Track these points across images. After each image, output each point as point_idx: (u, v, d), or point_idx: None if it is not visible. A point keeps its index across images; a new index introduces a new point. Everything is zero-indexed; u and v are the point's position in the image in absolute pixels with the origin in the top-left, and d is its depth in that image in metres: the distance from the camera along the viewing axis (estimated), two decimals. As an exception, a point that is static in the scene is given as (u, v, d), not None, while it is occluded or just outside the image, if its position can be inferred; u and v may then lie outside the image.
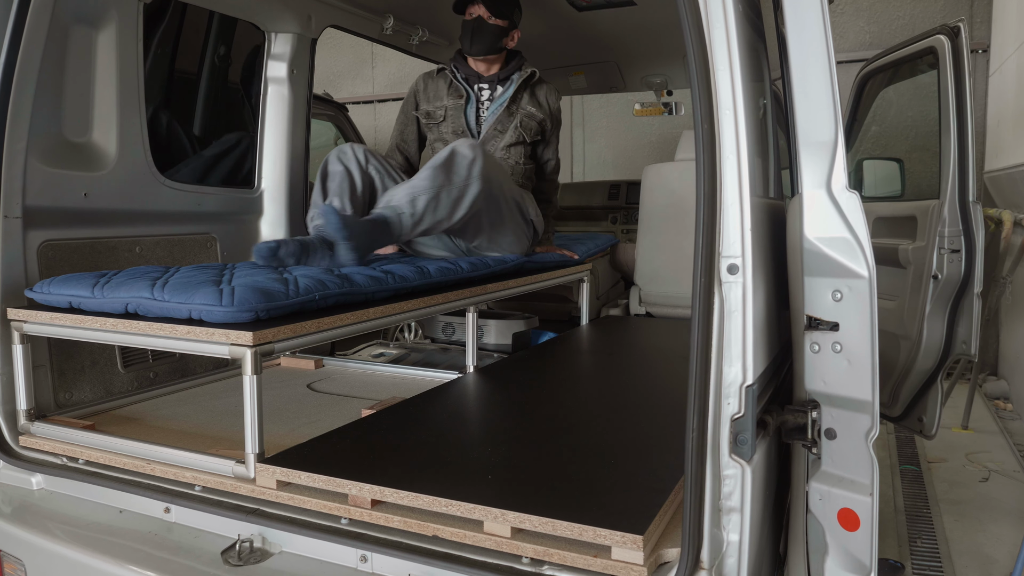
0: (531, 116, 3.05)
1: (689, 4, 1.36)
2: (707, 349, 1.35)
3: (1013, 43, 4.91)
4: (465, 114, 3.05)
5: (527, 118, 3.05)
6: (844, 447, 1.49)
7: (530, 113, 3.05)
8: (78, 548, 1.70)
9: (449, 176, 2.47)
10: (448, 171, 2.47)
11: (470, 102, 3.05)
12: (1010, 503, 3.57)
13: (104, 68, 2.32)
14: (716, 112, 1.37)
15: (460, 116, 3.04)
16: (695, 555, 1.34)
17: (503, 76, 3.06)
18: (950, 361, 2.95)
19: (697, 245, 1.36)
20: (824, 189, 1.45)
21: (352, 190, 2.59)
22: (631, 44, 4.09)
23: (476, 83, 3.06)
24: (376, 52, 8.51)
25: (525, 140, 3.06)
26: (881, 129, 5.72)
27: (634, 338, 3.31)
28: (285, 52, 3.08)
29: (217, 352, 1.70)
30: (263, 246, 2.13)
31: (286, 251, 2.15)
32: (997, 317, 5.53)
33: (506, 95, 3.03)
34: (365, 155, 2.67)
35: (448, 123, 3.06)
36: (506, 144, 3.03)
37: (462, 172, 2.49)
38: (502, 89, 3.05)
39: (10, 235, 2.04)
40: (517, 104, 3.05)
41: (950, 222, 2.81)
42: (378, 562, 1.51)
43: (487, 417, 2.15)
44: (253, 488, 1.65)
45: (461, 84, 3.05)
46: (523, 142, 3.06)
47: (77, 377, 2.21)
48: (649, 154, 7.35)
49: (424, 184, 2.43)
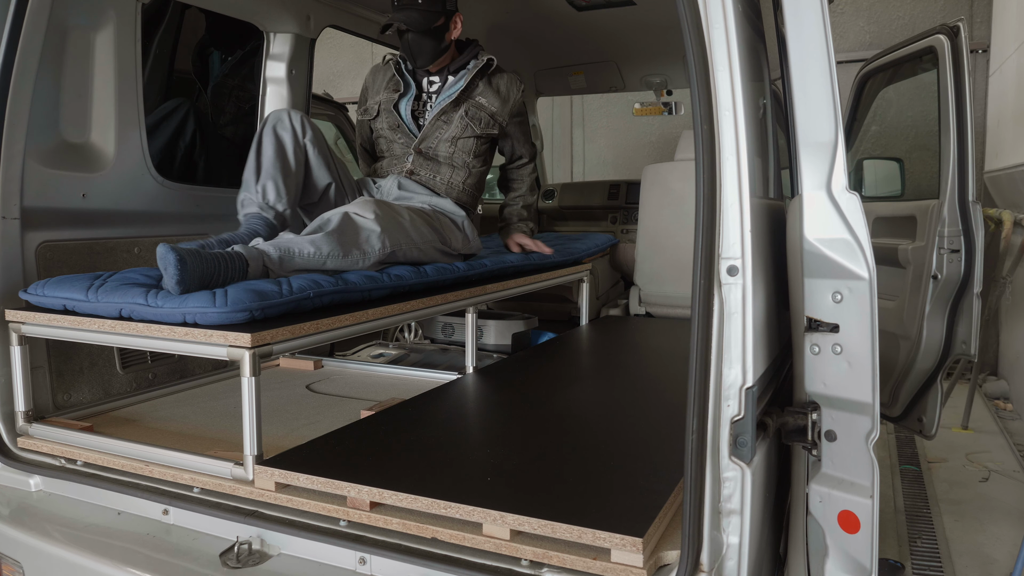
0: (480, 107, 2.81)
1: (688, 4, 1.35)
2: (707, 351, 1.35)
3: (1013, 43, 4.90)
4: (397, 108, 2.84)
5: (475, 108, 2.81)
6: (844, 449, 1.48)
7: (479, 104, 2.82)
8: (76, 550, 1.70)
9: (345, 247, 2.18)
10: (343, 240, 2.18)
11: (407, 95, 2.84)
12: (1010, 503, 3.57)
13: (102, 69, 2.32)
14: (716, 112, 1.37)
15: (392, 112, 2.84)
16: (695, 557, 1.34)
17: (455, 67, 2.84)
18: (950, 361, 2.95)
19: (697, 246, 1.35)
20: (824, 190, 1.45)
21: (285, 170, 2.36)
22: (631, 44, 4.09)
23: (425, 76, 2.86)
24: (376, 52, 8.51)
25: (475, 132, 2.82)
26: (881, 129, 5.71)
27: (634, 338, 3.31)
28: (284, 52, 3.08)
29: (215, 354, 1.69)
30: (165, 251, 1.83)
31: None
32: (997, 317, 5.53)
33: (457, 86, 2.79)
34: (303, 125, 2.46)
35: (382, 119, 2.88)
36: (451, 136, 2.80)
37: (361, 245, 2.22)
38: (453, 79, 2.83)
39: (8, 236, 2.03)
40: (467, 94, 2.81)
41: (950, 222, 2.80)
42: (377, 564, 1.50)
43: (486, 418, 2.15)
44: (251, 490, 1.65)
45: (403, 77, 2.85)
46: (473, 135, 2.82)
47: (75, 378, 2.20)
48: (649, 154, 7.35)
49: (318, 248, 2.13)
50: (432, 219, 2.61)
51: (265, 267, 2.02)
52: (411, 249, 2.40)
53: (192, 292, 1.79)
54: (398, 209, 2.44)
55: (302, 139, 2.47)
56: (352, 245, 2.18)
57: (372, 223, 2.25)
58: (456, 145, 2.82)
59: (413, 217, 2.47)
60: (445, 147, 2.82)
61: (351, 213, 2.26)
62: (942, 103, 2.85)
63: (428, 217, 2.60)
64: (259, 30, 3.04)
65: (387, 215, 2.33)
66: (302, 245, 2.09)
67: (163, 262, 1.79)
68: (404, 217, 2.42)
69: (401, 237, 2.35)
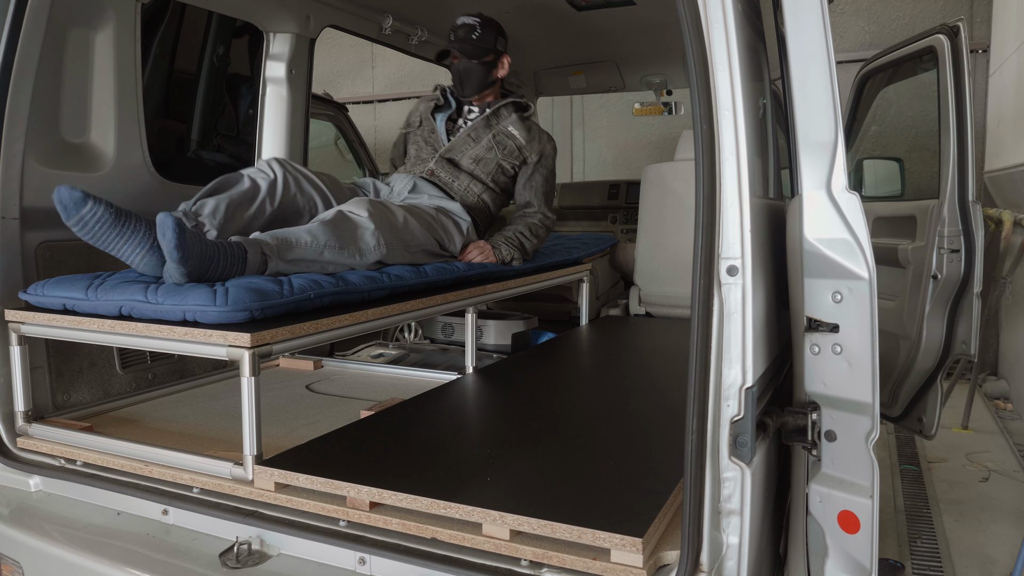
0: (509, 135, 2.95)
1: (688, 4, 1.35)
2: (706, 351, 1.35)
3: (1013, 43, 4.90)
4: (434, 116, 3.02)
5: (504, 136, 2.95)
6: (844, 449, 1.48)
7: (508, 132, 2.96)
8: (76, 550, 1.70)
9: (341, 239, 2.18)
10: (338, 232, 2.17)
11: (445, 110, 3.02)
12: (1010, 503, 3.57)
13: (102, 68, 2.32)
14: (715, 112, 1.37)
15: (429, 118, 3.02)
16: (695, 558, 1.34)
17: (496, 106, 3.01)
18: (950, 361, 2.95)
19: (696, 246, 1.35)
20: (824, 190, 1.45)
21: (238, 200, 2.18)
22: (630, 44, 4.09)
23: (467, 104, 3.03)
24: (376, 52, 8.51)
25: (499, 156, 2.93)
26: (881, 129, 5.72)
27: (634, 338, 3.31)
28: (284, 52, 3.08)
29: (215, 354, 1.69)
30: (69, 192, 1.78)
31: (96, 211, 1.78)
32: (997, 317, 5.53)
33: (493, 108, 2.99)
34: (286, 181, 2.33)
35: (423, 127, 3.04)
36: (477, 155, 2.92)
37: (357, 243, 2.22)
38: (490, 110, 3.00)
39: (8, 236, 2.03)
40: (499, 120, 2.98)
41: (950, 222, 2.80)
42: (376, 564, 1.50)
43: (486, 418, 2.15)
44: (251, 490, 1.65)
45: (447, 98, 3.04)
46: (496, 159, 2.93)
47: (75, 378, 2.20)
48: (649, 154, 7.35)
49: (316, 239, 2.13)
50: (433, 220, 2.62)
51: (263, 255, 1.99)
52: (402, 251, 2.40)
53: (191, 266, 1.76)
54: (393, 210, 2.44)
55: (277, 195, 2.32)
56: (348, 239, 2.19)
57: (366, 220, 2.26)
58: (479, 164, 2.95)
59: (408, 219, 2.47)
60: (468, 161, 2.94)
61: (345, 211, 2.28)
62: (942, 103, 2.85)
63: (428, 219, 2.60)
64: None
65: (380, 213, 2.34)
66: (299, 235, 2.09)
67: (161, 228, 1.75)
68: (398, 219, 2.43)
69: (393, 237, 2.35)
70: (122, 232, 1.83)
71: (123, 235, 1.84)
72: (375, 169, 5.52)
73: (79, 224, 1.81)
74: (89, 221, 1.80)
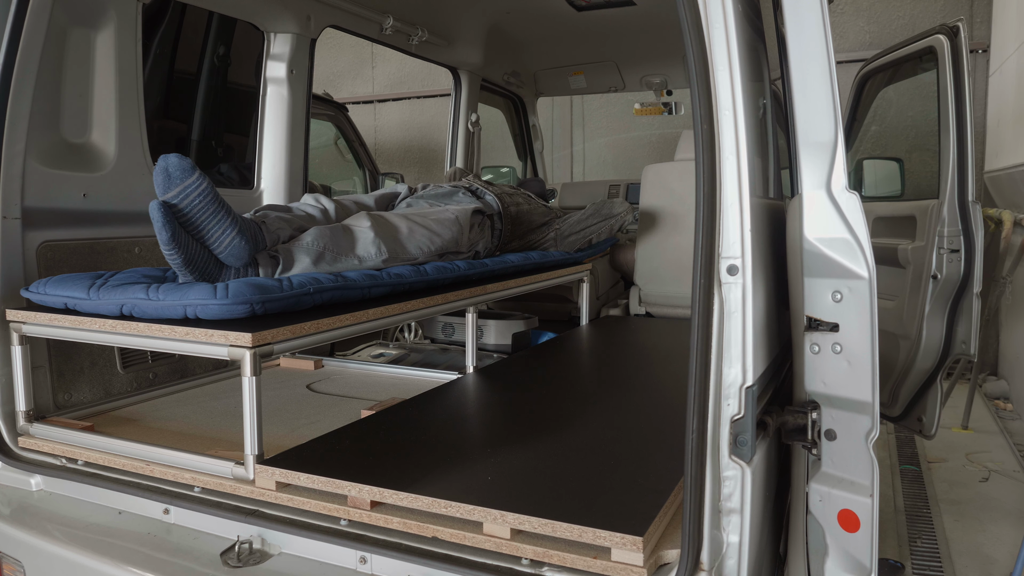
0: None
1: (688, 4, 1.36)
2: (707, 350, 1.35)
3: (1013, 43, 4.90)
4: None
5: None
6: (844, 448, 1.49)
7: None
8: (77, 549, 1.70)
9: (340, 246, 2.19)
10: (336, 237, 2.17)
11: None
12: (1010, 503, 3.57)
13: (103, 68, 2.32)
14: (716, 112, 1.37)
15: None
16: (695, 556, 1.34)
17: None
18: (950, 361, 2.95)
19: (697, 246, 1.35)
20: (824, 190, 1.45)
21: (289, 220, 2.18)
22: (630, 44, 4.09)
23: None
24: (376, 52, 8.51)
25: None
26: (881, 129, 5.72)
27: (634, 338, 3.31)
28: (284, 52, 3.08)
29: (216, 353, 1.69)
30: (179, 160, 1.74)
31: (200, 183, 1.74)
32: (997, 317, 5.53)
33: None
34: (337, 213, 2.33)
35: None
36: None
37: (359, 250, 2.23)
38: None
39: (9, 236, 2.03)
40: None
41: (949, 222, 2.81)
42: (377, 563, 1.51)
43: (487, 418, 2.15)
44: (252, 489, 1.65)
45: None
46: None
47: (76, 378, 2.21)
48: (649, 154, 7.35)
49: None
50: (448, 225, 2.56)
51: (257, 226, 1.97)
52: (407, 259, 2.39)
53: (177, 225, 1.72)
54: (395, 222, 2.44)
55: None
56: (349, 247, 2.20)
57: (367, 230, 2.27)
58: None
59: (412, 227, 2.44)
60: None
61: (345, 224, 2.30)
62: (942, 103, 2.85)
63: (441, 225, 2.55)
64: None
65: (381, 225, 2.34)
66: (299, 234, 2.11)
67: (152, 213, 1.73)
68: (402, 230, 2.40)
69: (398, 248, 2.35)
70: (217, 212, 1.76)
71: (217, 215, 1.77)
72: (375, 169, 5.52)
73: (181, 194, 1.71)
74: (192, 193, 1.71)
